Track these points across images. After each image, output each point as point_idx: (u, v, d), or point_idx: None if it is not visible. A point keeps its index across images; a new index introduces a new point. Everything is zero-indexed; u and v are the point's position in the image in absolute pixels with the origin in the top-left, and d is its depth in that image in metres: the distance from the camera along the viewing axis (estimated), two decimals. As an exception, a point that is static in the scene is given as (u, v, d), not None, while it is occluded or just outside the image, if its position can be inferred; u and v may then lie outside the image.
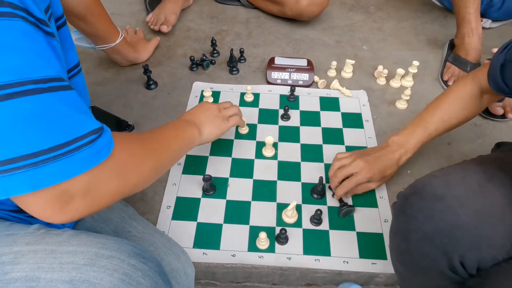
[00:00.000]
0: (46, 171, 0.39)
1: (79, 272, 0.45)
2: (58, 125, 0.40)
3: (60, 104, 0.40)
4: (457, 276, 0.53)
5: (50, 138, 0.39)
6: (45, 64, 0.40)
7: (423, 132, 0.79)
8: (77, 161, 0.41)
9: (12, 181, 0.38)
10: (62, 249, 0.48)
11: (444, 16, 1.39)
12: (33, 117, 0.38)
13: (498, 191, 0.52)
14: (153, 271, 0.49)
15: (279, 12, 1.31)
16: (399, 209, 0.57)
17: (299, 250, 0.75)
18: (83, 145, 0.41)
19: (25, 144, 0.38)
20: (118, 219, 0.70)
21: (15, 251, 0.48)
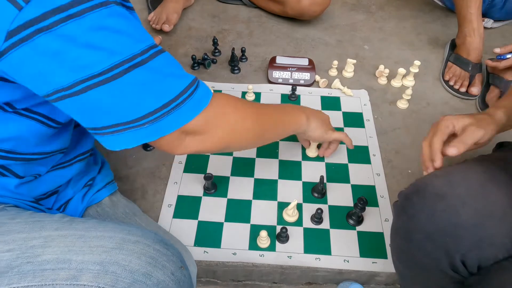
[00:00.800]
0: (164, 123, 0.49)
1: (108, 255, 0.46)
2: (165, 85, 0.48)
3: (163, 66, 0.48)
4: (458, 275, 0.53)
5: (164, 95, 0.48)
6: (143, 36, 0.47)
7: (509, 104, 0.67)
8: (190, 107, 0.51)
9: (141, 133, 0.49)
10: (90, 234, 0.49)
11: (446, 15, 1.39)
12: (149, 82, 0.47)
13: (500, 190, 0.52)
14: (176, 257, 0.51)
15: (280, 11, 1.31)
16: (400, 208, 0.57)
17: (299, 249, 0.75)
18: (190, 94, 0.51)
19: (145, 105, 0.47)
20: (122, 215, 0.71)
21: (44, 235, 0.49)
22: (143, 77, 0.46)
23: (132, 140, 0.49)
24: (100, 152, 0.82)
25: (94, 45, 0.42)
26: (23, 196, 0.60)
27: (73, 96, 0.44)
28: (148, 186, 0.85)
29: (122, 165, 0.88)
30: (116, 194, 0.77)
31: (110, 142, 0.49)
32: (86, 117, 0.48)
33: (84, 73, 0.43)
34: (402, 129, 0.99)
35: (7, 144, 0.54)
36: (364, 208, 0.77)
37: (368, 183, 0.87)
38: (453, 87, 1.09)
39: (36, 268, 0.46)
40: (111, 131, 0.48)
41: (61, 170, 0.65)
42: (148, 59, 0.46)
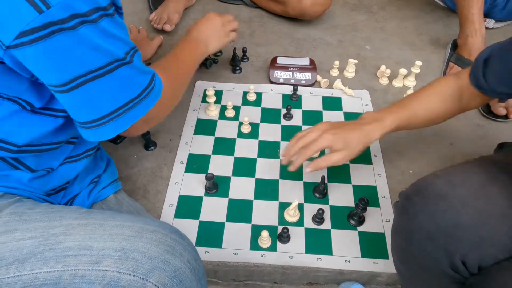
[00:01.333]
0: (138, 109, 0.57)
1: (129, 242, 0.48)
2: (140, 78, 0.56)
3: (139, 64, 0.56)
4: (458, 275, 0.53)
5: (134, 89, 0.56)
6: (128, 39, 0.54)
7: (402, 111, 0.73)
8: (148, 102, 0.58)
9: (117, 123, 0.55)
10: (109, 223, 0.51)
11: (447, 16, 1.39)
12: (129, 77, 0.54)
13: (500, 191, 0.53)
14: (191, 247, 0.53)
15: (282, 11, 1.31)
16: (401, 208, 0.57)
17: (301, 249, 0.75)
18: (150, 91, 0.58)
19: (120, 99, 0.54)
20: (127, 213, 0.72)
21: (65, 224, 0.51)
22: (128, 72, 0.53)
23: (112, 130, 0.56)
24: (106, 153, 0.83)
25: (98, 46, 0.48)
26: (36, 190, 0.62)
27: (73, 90, 0.49)
28: (149, 186, 0.85)
29: (123, 165, 0.89)
30: (120, 192, 0.78)
31: (92, 134, 0.55)
32: (79, 111, 0.53)
33: (84, 69, 0.49)
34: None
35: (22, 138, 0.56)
36: (366, 209, 0.77)
37: (369, 183, 0.87)
38: (455, 88, 1.09)
39: (58, 254, 0.47)
40: (98, 124, 0.54)
41: (72, 164, 0.67)
42: (131, 58, 0.54)
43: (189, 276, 0.49)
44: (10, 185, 0.58)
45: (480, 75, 0.65)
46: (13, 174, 0.58)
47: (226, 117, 1.00)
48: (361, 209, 0.77)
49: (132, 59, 0.54)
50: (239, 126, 0.97)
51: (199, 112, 1.01)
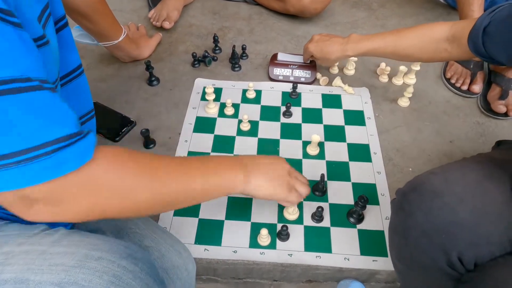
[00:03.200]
0: (4, 176, 0.39)
1: (67, 274, 0.44)
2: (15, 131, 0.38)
3: (18, 109, 0.38)
4: (454, 272, 0.53)
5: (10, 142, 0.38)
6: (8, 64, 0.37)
7: (379, 39, 0.87)
8: (35, 170, 0.39)
9: None
10: (53, 249, 0.47)
11: (448, 13, 1.38)
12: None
13: (497, 188, 0.52)
14: (145, 273, 0.48)
15: (281, 8, 1.31)
16: (398, 205, 0.57)
17: (300, 247, 0.75)
18: (43, 154, 0.39)
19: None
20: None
21: (6, 251, 0.47)
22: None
23: None
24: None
25: None
26: None
27: None
28: (148, 184, 0.85)
29: (122, 163, 0.88)
30: None
31: None
32: None
33: None
34: (403, 127, 0.99)
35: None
36: (365, 206, 0.77)
37: (368, 181, 0.86)
38: (455, 85, 1.09)
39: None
40: None
41: None
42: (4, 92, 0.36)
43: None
44: None
45: (480, 43, 0.66)
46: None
47: (225, 115, 0.99)
48: (360, 207, 0.77)
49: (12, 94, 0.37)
50: (238, 124, 0.97)
51: (198, 110, 1.01)
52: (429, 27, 0.79)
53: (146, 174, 0.49)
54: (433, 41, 0.77)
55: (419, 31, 0.80)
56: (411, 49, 0.81)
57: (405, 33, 0.83)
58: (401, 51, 0.83)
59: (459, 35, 0.72)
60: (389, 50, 0.85)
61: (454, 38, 0.74)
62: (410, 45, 0.81)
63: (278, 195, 0.64)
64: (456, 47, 0.74)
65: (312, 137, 0.88)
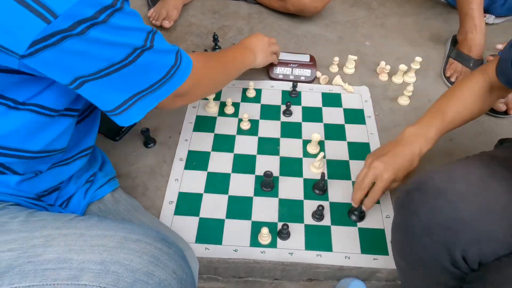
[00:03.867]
0: (162, 90, 0.61)
1: (109, 254, 0.46)
2: (164, 60, 0.59)
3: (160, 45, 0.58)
4: (458, 271, 0.54)
5: (161, 70, 0.59)
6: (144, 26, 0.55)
7: (442, 122, 0.74)
8: (179, 76, 0.62)
9: (144, 103, 0.59)
10: (91, 232, 0.49)
11: (447, 12, 1.38)
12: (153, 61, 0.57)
13: (500, 186, 0.53)
14: (178, 256, 0.51)
15: (281, 7, 1.31)
16: (401, 203, 0.57)
17: (301, 246, 0.75)
18: (176, 69, 0.61)
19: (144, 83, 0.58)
20: (124, 212, 0.72)
21: (45, 234, 0.49)
22: (150, 57, 0.55)
23: (141, 109, 0.59)
24: (100, 149, 0.82)
25: (114, 42, 0.50)
26: (25, 193, 0.60)
27: (95, 80, 0.51)
28: (149, 183, 0.85)
29: (123, 162, 0.88)
30: (118, 190, 0.77)
31: (125, 118, 0.58)
32: (104, 99, 0.56)
33: (107, 63, 0.51)
34: (403, 125, 0.98)
35: (11, 141, 0.55)
36: None
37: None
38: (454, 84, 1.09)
39: (37, 267, 0.46)
40: (125, 108, 0.57)
41: (62, 167, 0.66)
42: (151, 43, 0.55)
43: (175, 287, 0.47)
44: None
45: (511, 74, 0.65)
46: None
47: (225, 114, 0.99)
48: (361, 205, 0.77)
49: (152, 43, 0.55)
50: (238, 123, 0.97)
51: (198, 109, 1.01)
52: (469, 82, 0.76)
53: (217, 65, 0.80)
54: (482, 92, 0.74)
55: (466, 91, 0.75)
56: (471, 109, 0.76)
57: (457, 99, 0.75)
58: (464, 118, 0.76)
59: (494, 78, 0.71)
60: (456, 122, 0.76)
61: (492, 83, 0.73)
62: (469, 107, 0.76)
63: (267, 61, 0.99)
64: (499, 89, 0.73)
65: (313, 135, 0.89)
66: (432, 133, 0.74)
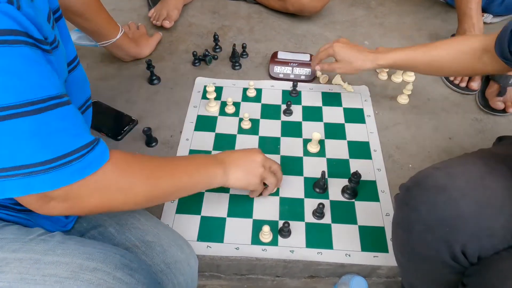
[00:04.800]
0: (36, 180, 0.43)
1: (61, 287, 0.44)
2: (51, 141, 0.43)
3: (56, 121, 0.44)
4: (458, 265, 0.54)
5: (43, 153, 0.43)
6: (46, 84, 0.43)
7: (409, 51, 0.82)
8: (64, 174, 0.44)
9: (7, 185, 0.43)
10: (46, 258, 0.47)
11: (446, 11, 1.39)
12: (30, 135, 0.42)
13: (499, 182, 0.53)
14: (141, 284, 0.47)
15: (281, 7, 1.31)
16: (402, 200, 0.58)
17: (302, 243, 0.76)
18: (72, 160, 0.45)
19: (20, 157, 0.42)
20: (121, 212, 0.71)
21: (1, 258, 0.47)
22: (30, 126, 0.42)
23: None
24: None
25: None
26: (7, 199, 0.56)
27: None
28: (151, 182, 0.86)
29: (125, 161, 0.89)
30: None
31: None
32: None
33: None
34: (403, 124, 1.00)
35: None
36: (358, 182, 0.80)
37: (369, 178, 0.87)
38: (453, 82, 1.10)
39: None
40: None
41: None
42: (43, 109, 0.42)
43: None
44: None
45: (506, 46, 0.65)
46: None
47: (226, 113, 1.00)
48: (354, 183, 0.79)
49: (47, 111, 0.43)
50: (239, 122, 0.98)
51: (199, 109, 1.01)
52: (462, 38, 0.77)
53: (144, 176, 0.55)
54: (467, 51, 0.74)
55: (451, 42, 0.77)
56: (444, 60, 0.77)
57: (436, 45, 0.79)
58: (435, 62, 0.78)
59: (489, 45, 0.70)
60: (419, 60, 0.79)
61: (488, 48, 0.72)
62: (443, 55, 0.77)
63: (250, 187, 0.73)
64: (490, 57, 0.72)
65: (313, 134, 0.89)
66: (392, 54, 0.83)
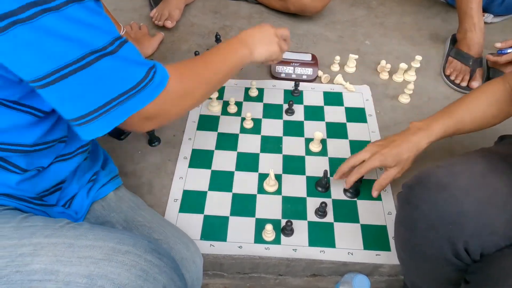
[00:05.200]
0: (133, 102, 0.52)
1: (97, 267, 0.45)
2: (134, 68, 0.52)
3: (132, 52, 0.52)
4: (460, 263, 0.55)
5: (132, 78, 0.51)
6: (110, 29, 0.50)
7: (448, 118, 0.73)
8: (149, 92, 0.53)
9: (113, 114, 0.51)
10: (79, 242, 0.48)
11: (446, 11, 1.40)
12: (115, 70, 0.50)
13: (501, 180, 0.54)
14: (169, 267, 0.49)
15: (282, 7, 1.32)
16: (404, 198, 0.58)
17: (304, 242, 0.77)
18: (150, 79, 0.53)
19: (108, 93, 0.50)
20: (128, 209, 0.72)
21: (34, 242, 0.49)
22: (112, 64, 0.49)
23: (104, 125, 0.51)
24: (102, 148, 0.83)
25: (68, 36, 0.45)
26: (26, 192, 0.59)
27: (51, 84, 0.46)
28: (154, 181, 0.86)
29: (128, 160, 0.89)
30: (121, 188, 0.78)
31: (86, 131, 0.51)
32: (65, 107, 0.50)
33: (59, 62, 0.45)
34: (404, 123, 1.00)
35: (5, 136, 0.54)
36: (361, 181, 0.80)
37: (371, 177, 0.87)
38: (454, 82, 1.10)
39: (24, 278, 0.45)
40: (87, 120, 0.50)
41: (63, 163, 0.65)
42: (116, 49, 0.49)
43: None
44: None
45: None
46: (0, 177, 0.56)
47: (228, 113, 1.00)
48: (357, 182, 0.79)
49: (118, 49, 0.49)
50: (241, 122, 0.98)
51: (201, 108, 1.02)
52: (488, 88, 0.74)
53: (198, 77, 0.65)
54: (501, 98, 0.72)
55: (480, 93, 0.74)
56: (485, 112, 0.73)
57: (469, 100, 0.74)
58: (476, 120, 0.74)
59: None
60: (466, 122, 0.74)
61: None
62: (482, 109, 0.73)
63: (273, 56, 0.83)
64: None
65: (315, 134, 0.90)
66: (435, 128, 0.73)
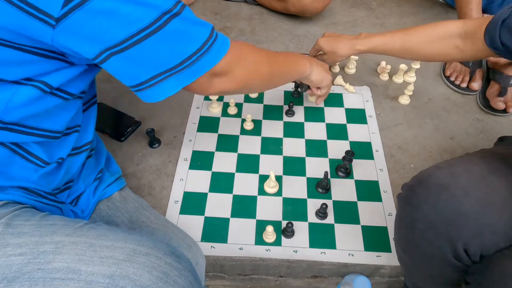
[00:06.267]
0: (197, 66, 0.55)
1: (119, 268, 0.45)
2: (197, 31, 0.54)
3: (191, 14, 0.53)
4: (460, 264, 0.55)
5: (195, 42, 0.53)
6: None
7: (388, 35, 0.86)
8: (215, 52, 0.56)
9: (179, 78, 0.54)
10: (100, 243, 0.49)
11: (446, 12, 1.40)
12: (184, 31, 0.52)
13: (501, 181, 0.54)
14: (187, 271, 0.49)
15: (282, 8, 1.32)
16: (404, 199, 0.58)
17: (305, 243, 0.77)
18: (214, 39, 0.56)
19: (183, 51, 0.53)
20: (132, 209, 0.72)
21: (56, 240, 0.49)
22: (180, 25, 0.51)
23: (172, 86, 0.54)
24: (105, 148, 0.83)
25: (140, 2, 0.47)
26: (43, 187, 0.61)
27: (123, 51, 0.48)
28: (154, 182, 0.86)
29: (128, 162, 0.90)
30: (125, 189, 0.78)
31: (153, 94, 0.54)
32: (132, 73, 0.52)
33: (136, 27, 0.47)
34: (404, 124, 1.01)
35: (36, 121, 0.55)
36: (351, 160, 0.81)
37: (371, 178, 0.88)
38: (454, 83, 1.10)
39: (46, 276, 0.45)
40: (154, 82, 0.53)
41: (74, 158, 0.66)
42: (180, 10, 0.51)
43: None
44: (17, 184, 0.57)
45: (497, 35, 0.65)
46: (23, 171, 0.58)
47: (228, 114, 1.01)
48: (347, 160, 0.80)
49: (182, 10, 0.51)
50: (241, 123, 0.98)
51: (201, 110, 1.02)
52: (441, 24, 0.79)
53: (264, 57, 0.70)
54: (444, 37, 0.76)
55: (429, 28, 0.79)
56: (420, 45, 0.80)
57: (415, 30, 0.82)
58: (410, 47, 0.82)
59: (474, 31, 0.71)
60: (397, 46, 0.84)
61: (468, 34, 0.73)
62: (419, 41, 0.80)
63: (323, 82, 0.90)
64: (470, 43, 0.73)
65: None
66: (373, 40, 0.89)
